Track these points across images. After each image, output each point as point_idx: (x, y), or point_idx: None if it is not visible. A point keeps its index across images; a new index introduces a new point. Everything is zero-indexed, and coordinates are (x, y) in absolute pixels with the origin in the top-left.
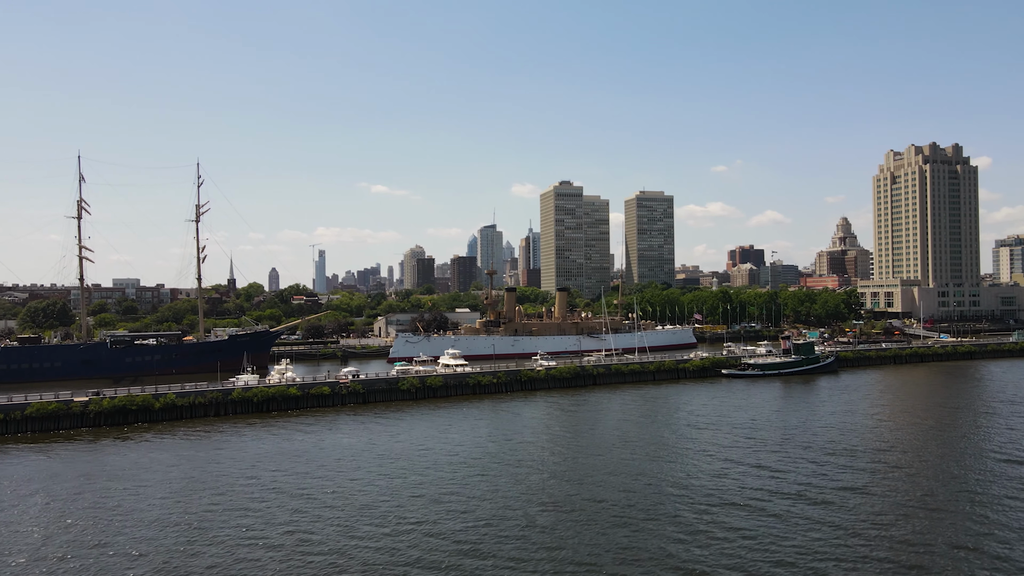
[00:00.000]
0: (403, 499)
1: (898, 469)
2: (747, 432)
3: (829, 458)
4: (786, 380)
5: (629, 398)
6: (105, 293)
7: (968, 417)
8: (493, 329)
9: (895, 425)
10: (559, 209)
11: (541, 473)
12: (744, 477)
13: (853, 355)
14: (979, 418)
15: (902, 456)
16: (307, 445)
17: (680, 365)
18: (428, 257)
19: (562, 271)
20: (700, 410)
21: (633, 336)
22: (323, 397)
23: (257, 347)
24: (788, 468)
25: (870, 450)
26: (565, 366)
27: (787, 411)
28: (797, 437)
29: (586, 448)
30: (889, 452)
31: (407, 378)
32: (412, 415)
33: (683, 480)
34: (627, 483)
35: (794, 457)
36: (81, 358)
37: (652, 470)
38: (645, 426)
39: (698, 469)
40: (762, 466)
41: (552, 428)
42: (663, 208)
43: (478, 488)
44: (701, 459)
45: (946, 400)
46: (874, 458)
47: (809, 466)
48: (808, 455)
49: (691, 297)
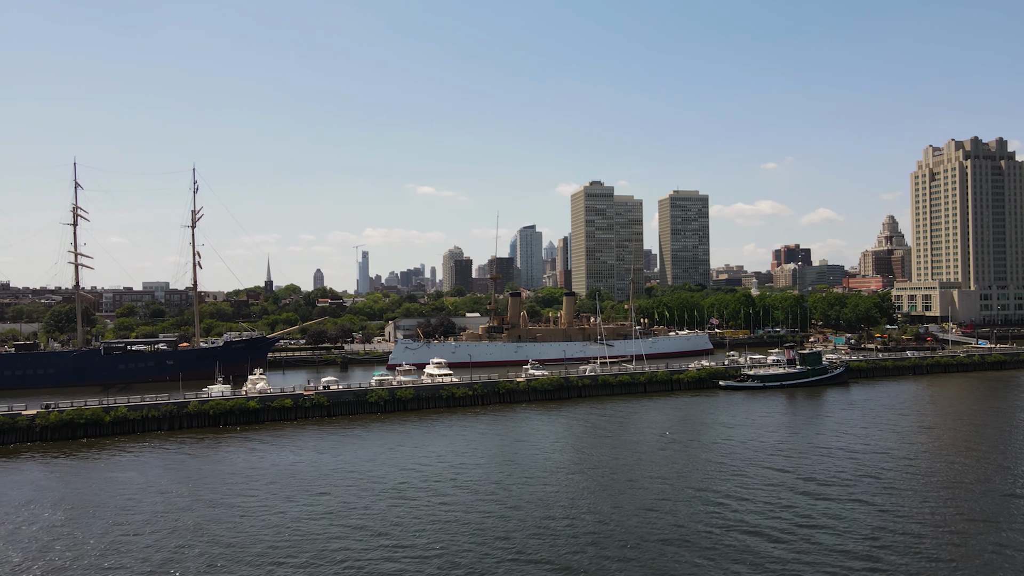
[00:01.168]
0: (272, 538)
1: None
2: (719, 470)
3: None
4: (790, 393)
5: (607, 413)
6: (135, 296)
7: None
8: (496, 335)
9: (907, 455)
10: (589, 210)
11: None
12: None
13: (867, 365)
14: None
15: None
16: (241, 465)
17: (674, 376)
18: (466, 259)
19: (593, 272)
20: (680, 427)
21: (644, 342)
22: (285, 411)
23: (253, 353)
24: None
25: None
26: (547, 377)
27: (780, 431)
28: (783, 478)
29: (479, 490)
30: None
31: (375, 390)
32: (371, 431)
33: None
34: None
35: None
36: (74, 365)
37: (531, 546)
38: (588, 451)
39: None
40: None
41: (482, 454)
42: (697, 208)
43: (371, 531)
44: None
45: (963, 417)
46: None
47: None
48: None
49: (712, 300)
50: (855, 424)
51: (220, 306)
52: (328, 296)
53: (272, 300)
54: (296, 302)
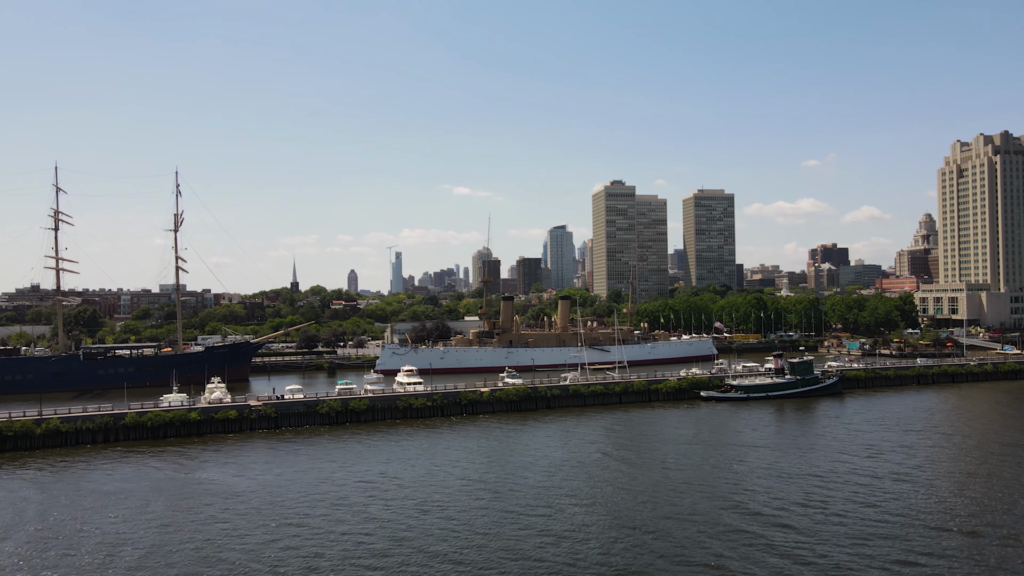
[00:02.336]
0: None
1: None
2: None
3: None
4: (776, 405)
5: (569, 426)
6: (152, 298)
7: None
8: (487, 340)
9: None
10: (610, 210)
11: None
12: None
13: (866, 374)
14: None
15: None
16: (139, 485)
17: (653, 386)
18: (494, 259)
19: (613, 273)
20: (635, 443)
21: (642, 348)
22: (229, 422)
23: (236, 359)
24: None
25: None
26: (512, 387)
27: (748, 454)
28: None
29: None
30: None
31: (327, 401)
32: (312, 445)
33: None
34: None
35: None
36: (53, 370)
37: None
38: (503, 480)
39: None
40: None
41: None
42: (723, 207)
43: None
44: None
45: (957, 435)
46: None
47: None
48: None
49: (723, 304)
50: (829, 446)
51: (233, 308)
52: (343, 298)
53: (289, 302)
54: (310, 304)
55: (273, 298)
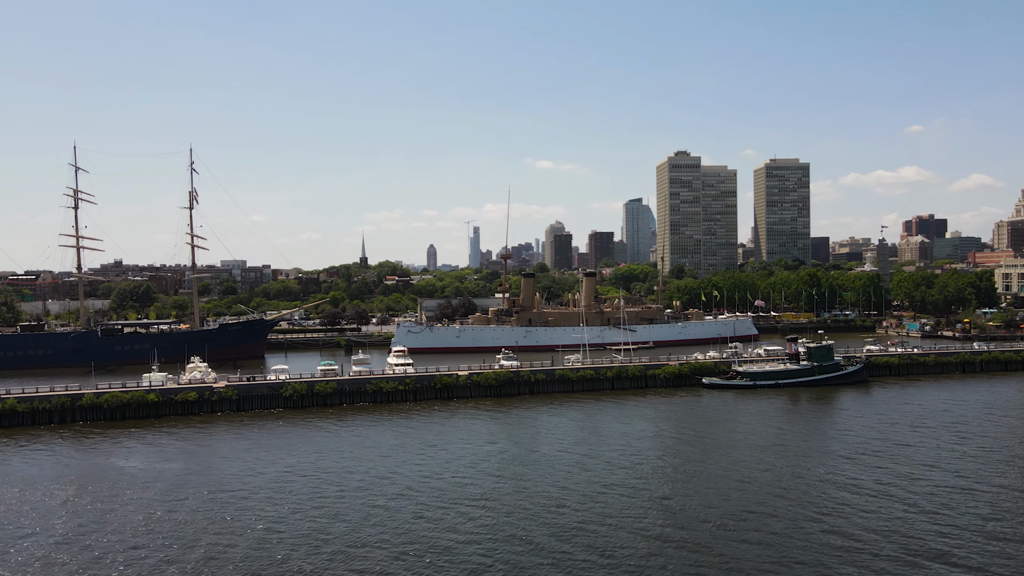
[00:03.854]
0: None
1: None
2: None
3: None
4: (789, 394)
5: (538, 417)
6: (215, 273)
7: None
8: (505, 319)
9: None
10: (674, 181)
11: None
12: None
13: (899, 361)
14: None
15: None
16: (43, 472)
17: (650, 371)
18: (566, 233)
19: (677, 248)
20: (595, 440)
21: (672, 327)
22: (189, 404)
23: (250, 336)
24: None
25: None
26: (492, 372)
27: (706, 457)
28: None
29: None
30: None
31: (291, 383)
32: (264, 430)
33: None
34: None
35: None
36: (72, 346)
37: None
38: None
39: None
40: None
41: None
42: (797, 177)
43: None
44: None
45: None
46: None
47: None
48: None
49: (775, 280)
50: (830, 449)
51: (288, 284)
52: (396, 273)
53: (346, 278)
54: (363, 280)
55: (333, 274)
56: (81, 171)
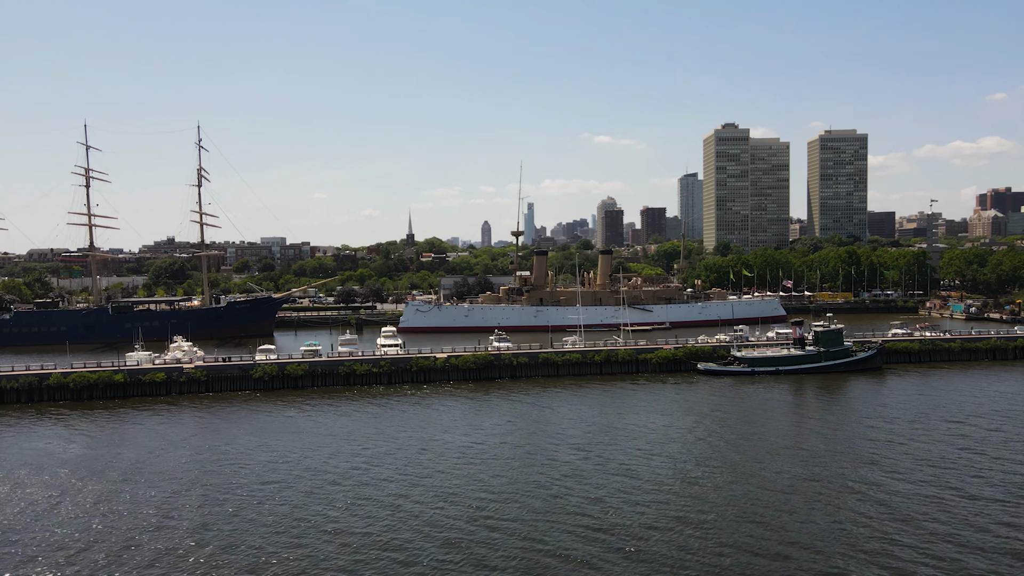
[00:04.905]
0: None
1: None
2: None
3: None
4: (790, 382)
5: (496, 405)
6: (256, 250)
7: None
8: (516, 298)
9: None
10: (720, 155)
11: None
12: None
13: (920, 347)
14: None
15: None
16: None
17: (641, 356)
18: (617, 209)
19: (723, 224)
20: (531, 435)
21: (692, 308)
22: (156, 385)
23: (257, 314)
24: None
25: None
26: (472, 354)
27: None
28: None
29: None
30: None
31: (261, 365)
32: (217, 415)
33: None
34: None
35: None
36: (84, 323)
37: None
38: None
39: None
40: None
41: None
42: (853, 149)
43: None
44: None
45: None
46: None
47: None
48: None
49: (813, 258)
50: (808, 456)
51: (324, 261)
52: (433, 250)
53: (384, 255)
54: (400, 257)
55: (374, 251)
56: (93, 150)
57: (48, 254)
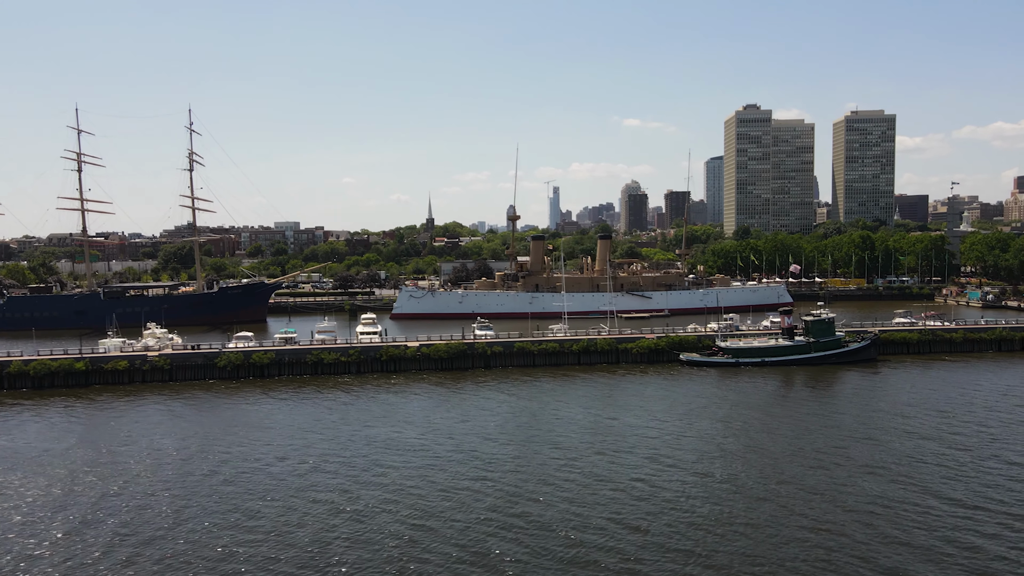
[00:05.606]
0: None
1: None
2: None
3: None
4: (777, 374)
5: (463, 399)
6: (270, 234)
7: None
8: (511, 284)
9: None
10: (741, 137)
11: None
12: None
13: (919, 337)
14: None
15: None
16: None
17: (622, 345)
18: (640, 193)
19: (743, 208)
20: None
21: (693, 294)
22: (118, 374)
23: (250, 300)
24: None
25: None
26: (444, 343)
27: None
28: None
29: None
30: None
31: (226, 353)
32: (168, 404)
33: None
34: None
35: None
36: (75, 308)
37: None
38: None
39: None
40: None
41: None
42: (881, 131)
43: None
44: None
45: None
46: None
47: None
48: None
49: (827, 244)
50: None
51: (336, 245)
52: (446, 235)
53: (399, 239)
54: (412, 242)
55: (389, 235)
56: (85, 134)
57: (67, 238)
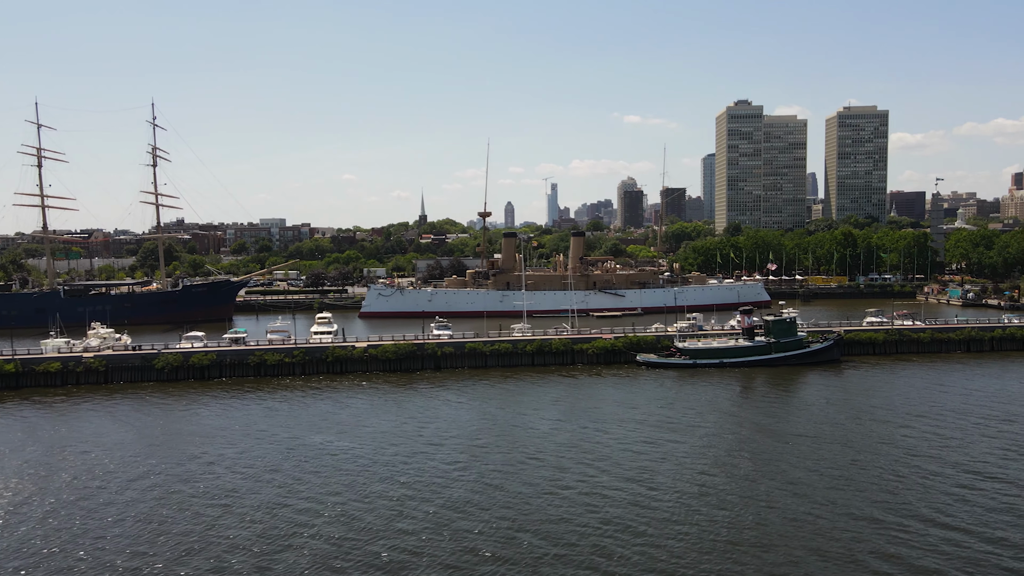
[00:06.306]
0: None
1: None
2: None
3: None
4: (736, 376)
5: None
6: (255, 231)
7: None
8: (482, 282)
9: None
10: (733, 133)
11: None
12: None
13: (885, 337)
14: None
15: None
16: None
17: (576, 346)
18: (636, 190)
19: (734, 204)
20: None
21: (667, 292)
22: (50, 376)
23: (215, 299)
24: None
25: None
26: (392, 343)
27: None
28: None
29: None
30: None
31: (164, 355)
32: (95, 409)
33: None
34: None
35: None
36: (35, 306)
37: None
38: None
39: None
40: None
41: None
42: (873, 127)
43: None
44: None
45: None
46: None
47: None
48: None
49: (809, 241)
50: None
51: (321, 242)
52: (432, 231)
53: (386, 236)
54: (399, 239)
55: (377, 232)
56: (45, 128)
57: (48, 236)
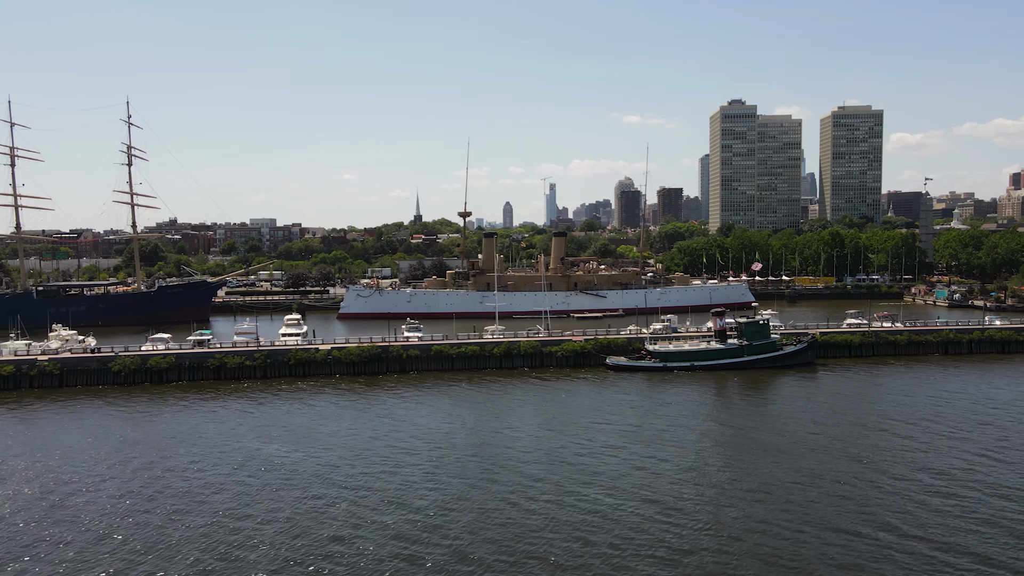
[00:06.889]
0: None
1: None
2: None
3: None
4: (712, 379)
5: (363, 404)
6: (246, 231)
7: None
8: (462, 282)
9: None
10: (726, 133)
11: None
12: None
13: (861, 339)
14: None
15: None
16: None
17: (545, 348)
18: (633, 190)
19: (728, 204)
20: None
21: (650, 293)
22: (3, 379)
23: (192, 299)
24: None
25: None
26: (357, 346)
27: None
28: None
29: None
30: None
31: (121, 357)
32: (69, 413)
33: None
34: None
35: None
36: (7, 308)
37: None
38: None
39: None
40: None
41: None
42: (868, 127)
43: None
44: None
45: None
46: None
47: None
48: None
49: (796, 241)
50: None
51: (310, 242)
52: (422, 232)
53: (377, 236)
54: (389, 239)
55: (370, 232)
56: (12, 129)
57: (37, 236)
